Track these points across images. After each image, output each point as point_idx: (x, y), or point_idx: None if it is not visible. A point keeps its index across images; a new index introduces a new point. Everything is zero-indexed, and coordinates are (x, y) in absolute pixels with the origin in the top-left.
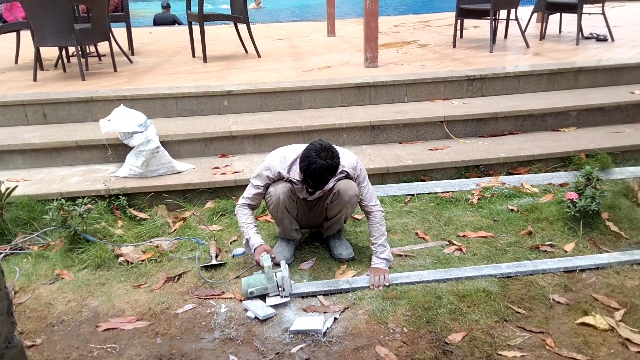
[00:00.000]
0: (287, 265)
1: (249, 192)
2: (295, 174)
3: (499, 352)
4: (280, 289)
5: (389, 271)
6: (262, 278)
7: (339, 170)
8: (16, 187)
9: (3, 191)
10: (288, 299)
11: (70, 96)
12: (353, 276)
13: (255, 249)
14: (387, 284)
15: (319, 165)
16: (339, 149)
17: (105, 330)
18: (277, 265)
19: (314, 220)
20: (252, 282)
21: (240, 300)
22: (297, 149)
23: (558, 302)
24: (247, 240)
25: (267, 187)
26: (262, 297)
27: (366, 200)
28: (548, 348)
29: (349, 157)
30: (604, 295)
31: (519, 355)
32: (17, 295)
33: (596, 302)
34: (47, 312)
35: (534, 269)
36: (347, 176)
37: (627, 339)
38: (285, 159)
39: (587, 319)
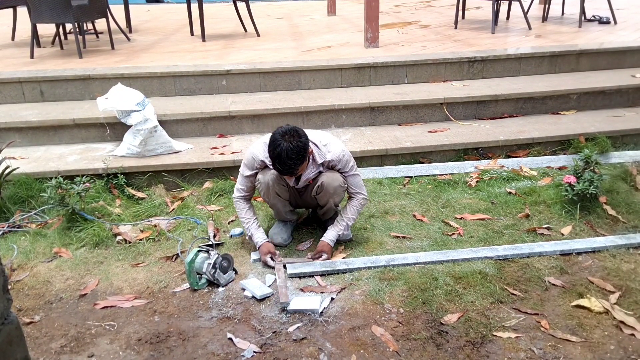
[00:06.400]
0: (217, 254)
1: (241, 182)
2: None
3: (494, 333)
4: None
5: (332, 250)
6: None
7: (325, 160)
8: (17, 168)
9: (2, 170)
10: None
11: (68, 74)
12: (348, 256)
13: (259, 248)
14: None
15: (284, 148)
16: (328, 137)
17: (103, 308)
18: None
19: (306, 203)
20: (198, 267)
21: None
22: None
23: (554, 285)
24: (250, 237)
25: (255, 174)
26: (260, 276)
27: (351, 188)
28: (543, 329)
29: (335, 148)
30: (599, 279)
31: (513, 337)
32: (15, 273)
33: (591, 285)
34: (45, 290)
35: (530, 251)
36: (332, 167)
37: (622, 322)
38: (267, 147)
39: (582, 302)
